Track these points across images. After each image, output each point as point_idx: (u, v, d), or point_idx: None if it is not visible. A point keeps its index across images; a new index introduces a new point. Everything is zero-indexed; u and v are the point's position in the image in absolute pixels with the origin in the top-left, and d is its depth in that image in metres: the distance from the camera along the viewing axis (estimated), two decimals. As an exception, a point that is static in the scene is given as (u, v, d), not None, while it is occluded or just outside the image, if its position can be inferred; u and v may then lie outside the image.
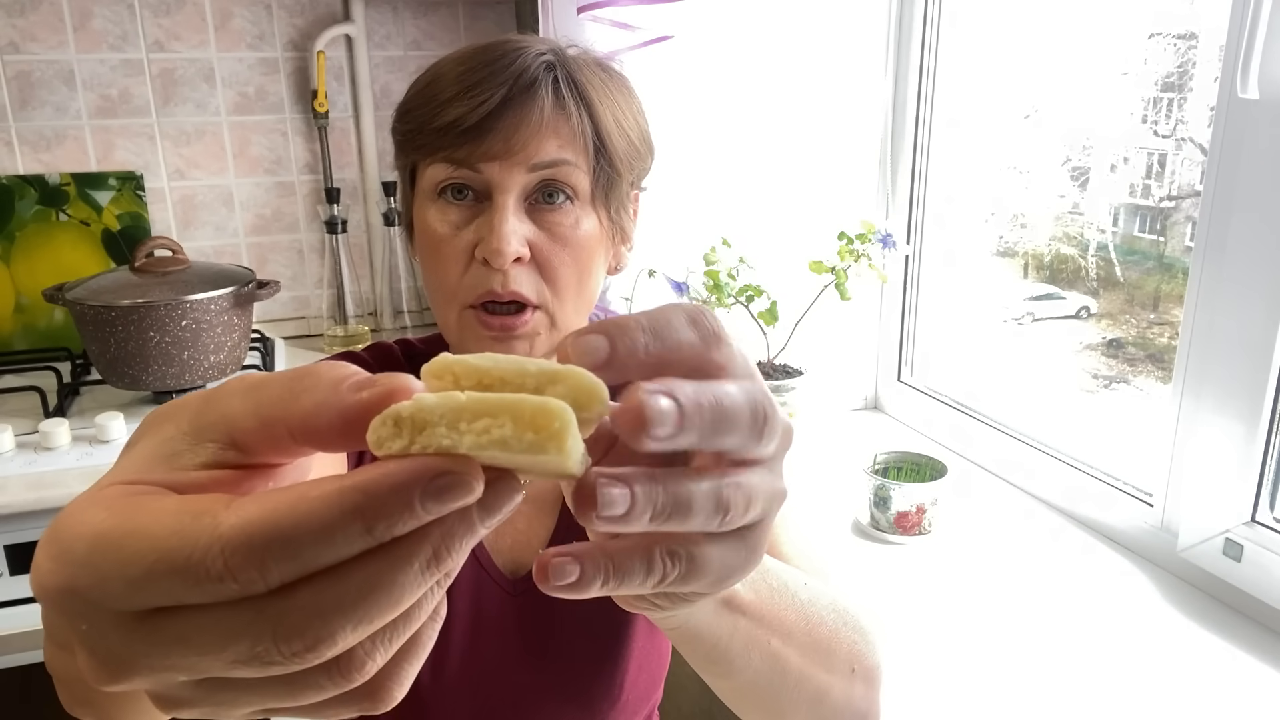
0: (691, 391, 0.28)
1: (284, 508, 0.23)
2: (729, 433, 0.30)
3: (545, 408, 0.24)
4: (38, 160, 1.74)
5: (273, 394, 0.27)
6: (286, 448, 0.27)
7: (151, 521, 0.24)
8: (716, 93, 1.42)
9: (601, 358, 0.29)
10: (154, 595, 0.24)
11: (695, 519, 0.30)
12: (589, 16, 1.32)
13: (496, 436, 0.24)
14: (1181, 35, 1.17)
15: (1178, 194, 1.21)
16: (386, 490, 0.23)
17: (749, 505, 0.32)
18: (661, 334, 0.30)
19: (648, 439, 0.27)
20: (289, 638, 0.23)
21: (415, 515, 0.24)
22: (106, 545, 0.24)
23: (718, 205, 1.46)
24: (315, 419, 0.26)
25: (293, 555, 0.23)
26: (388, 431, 0.24)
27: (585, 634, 0.78)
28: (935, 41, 1.46)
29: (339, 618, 0.24)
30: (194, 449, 0.27)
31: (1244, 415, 0.97)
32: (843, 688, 0.56)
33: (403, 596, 0.25)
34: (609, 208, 0.73)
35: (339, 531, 0.23)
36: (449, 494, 0.24)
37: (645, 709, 0.84)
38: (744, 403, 0.30)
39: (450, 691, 0.76)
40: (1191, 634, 0.95)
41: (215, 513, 0.23)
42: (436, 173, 0.69)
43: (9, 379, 1.58)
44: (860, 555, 1.14)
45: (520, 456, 0.24)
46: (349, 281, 1.91)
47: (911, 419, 1.55)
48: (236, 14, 1.80)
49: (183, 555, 0.23)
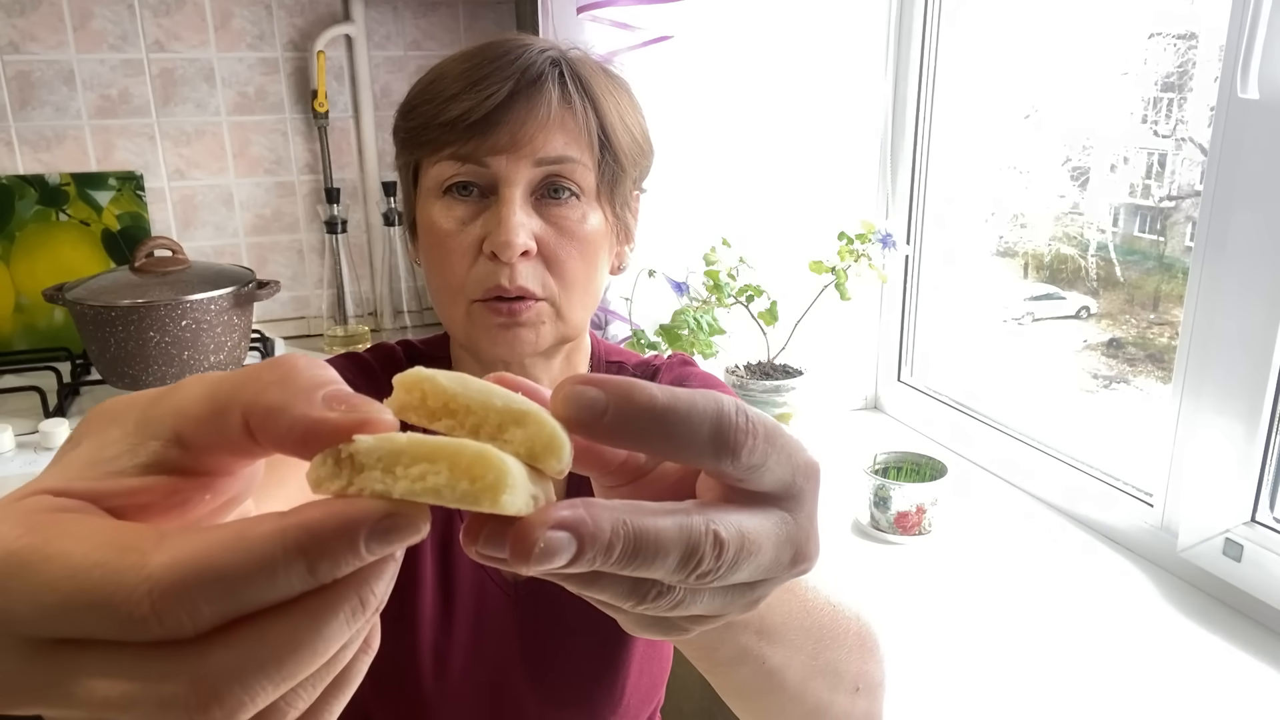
0: (608, 529, 0.25)
1: (220, 547, 0.21)
2: (646, 570, 0.26)
3: (483, 457, 0.23)
4: (38, 160, 1.74)
5: (236, 380, 0.25)
6: (235, 443, 0.25)
7: (73, 548, 0.22)
8: (716, 93, 1.42)
9: (587, 417, 0.26)
10: (64, 627, 0.22)
11: (659, 571, 0.27)
12: (589, 16, 1.32)
13: (430, 485, 0.23)
14: (1181, 35, 1.17)
15: (1178, 194, 1.21)
16: (332, 530, 0.22)
17: (735, 564, 0.28)
18: (670, 428, 0.26)
19: (524, 568, 0.25)
20: (205, 706, 0.22)
21: (360, 556, 0.22)
22: (17, 566, 0.22)
23: (718, 205, 1.46)
24: (278, 416, 0.24)
25: (227, 597, 0.21)
26: (327, 471, 0.24)
27: (587, 638, 0.78)
28: (935, 41, 1.46)
29: (261, 679, 0.22)
30: (134, 450, 0.25)
31: (1244, 415, 0.97)
32: (844, 704, 0.54)
33: (329, 647, 0.23)
34: (614, 204, 0.73)
35: (280, 572, 0.22)
36: (395, 535, 0.23)
37: (646, 711, 0.84)
38: (675, 543, 0.26)
39: (452, 694, 0.76)
40: (1191, 634, 0.95)
41: (144, 549, 0.22)
42: (442, 170, 0.69)
43: (9, 379, 1.58)
44: (860, 555, 1.14)
45: (455, 504, 0.23)
46: (349, 281, 1.91)
47: (911, 419, 1.55)
48: (236, 14, 1.80)
49: (105, 592, 0.21)
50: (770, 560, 0.29)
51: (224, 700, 0.22)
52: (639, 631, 0.33)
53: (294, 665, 0.23)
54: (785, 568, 0.30)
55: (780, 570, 0.30)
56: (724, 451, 0.27)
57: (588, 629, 0.78)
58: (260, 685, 0.22)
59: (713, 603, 0.30)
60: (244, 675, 0.22)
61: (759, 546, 0.29)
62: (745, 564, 0.28)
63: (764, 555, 0.29)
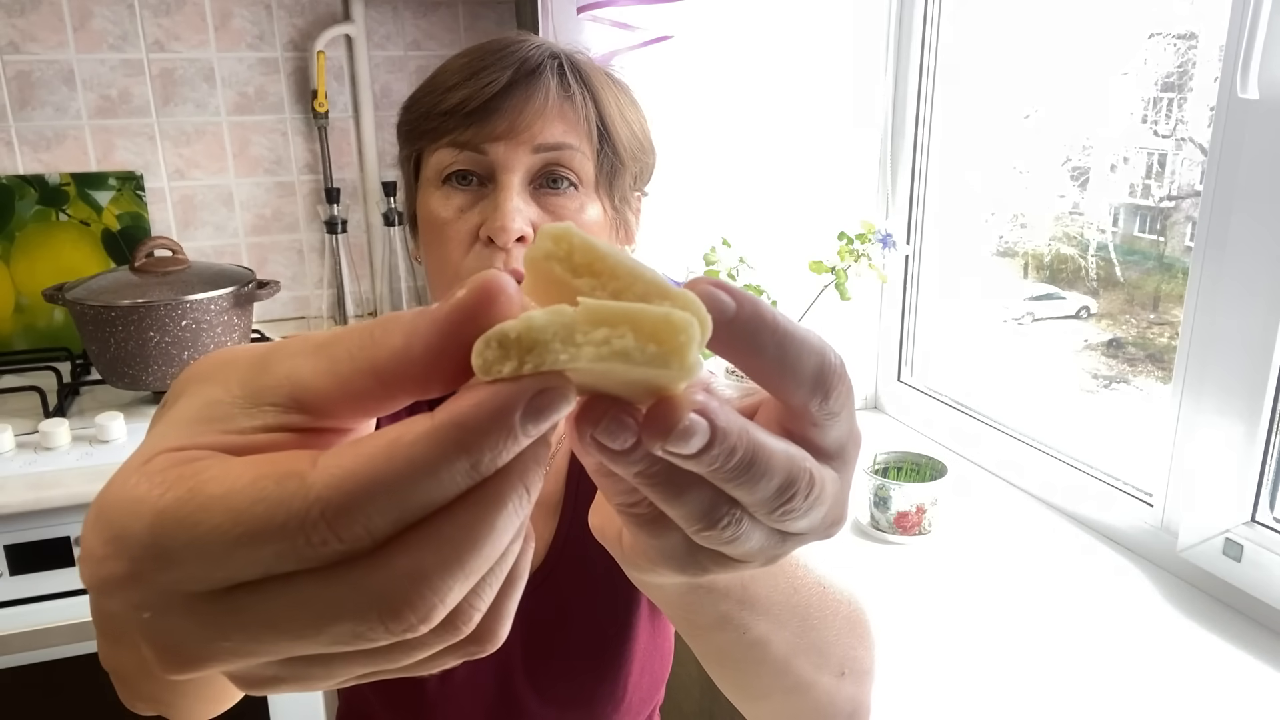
0: (736, 430, 0.25)
1: (380, 456, 0.21)
2: (746, 489, 0.27)
3: (669, 320, 0.22)
4: (38, 160, 1.74)
5: (352, 344, 0.24)
6: (369, 402, 0.24)
7: (226, 491, 0.21)
8: (716, 93, 1.42)
9: (717, 315, 0.25)
10: (238, 571, 0.21)
11: (757, 492, 0.27)
12: (589, 16, 1.32)
13: (618, 348, 0.22)
14: (1181, 35, 1.17)
15: (1178, 194, 1.21)
16: (485, 418, 0.21)
17: (811, 507, 0.29)
18: (784, 351, 0.27)
19: (658, 444, 0.25)
20: (398, 613, 0.21)
21: (517, 440, 0.22)
22: (172, 523, 0.21)
23: (718, 205, 1.46)
24: (409, 351, 0.23)
25: (397, 504, 0.21)
26: (494, 354, 0.22)
27: (589, 636, 0.78)
28: (935, 41, 1.46)
29: (447, 579, 0.22)
30: (248, 412, 0.24)
31: (1244, 415, 0.97)
32: (828, 686, 0.53)
33: (504, 538, 0.23)
34: (613, 197, 0.73)
35: (444, 471, 0.21)
36: (549, 410, 0.22)
37: (647, 710, 0.85)
38: (781, 468, 0.27)
39: (454, 692, 0.76)
40: (1191, 634, 0.95)
41: (302, 473, 0.21)
42: (442, 158, 0.69)
43: (9, 379, 1.58)
44: (860, 555, 1.14)
45: (638, 370, 0.22)
46: (349, 281, 1.91)
47: (911, 419, 1.55)
48: (236, 14, 1.80)
49: (276, 523, 0.21)
50: (823, 514, 0.30)
51: (415, 605, 0.22)
52: (661, 563, 0.32)
53: (475, 560, 0.22)
54: (825, 526, 0.31)
55: (822, 527, 0.30)
56: (819, 388, 0.28)
57: (590, 626, 0.78)
58: (447, 585, 0.22)
59: (757, 544, 0.30)
60: (431, 577, 0.22)
61: (828, 496, 0.29)
62: (816, 509, 0.29)
63: (825, 508, 0.29)
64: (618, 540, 0.36)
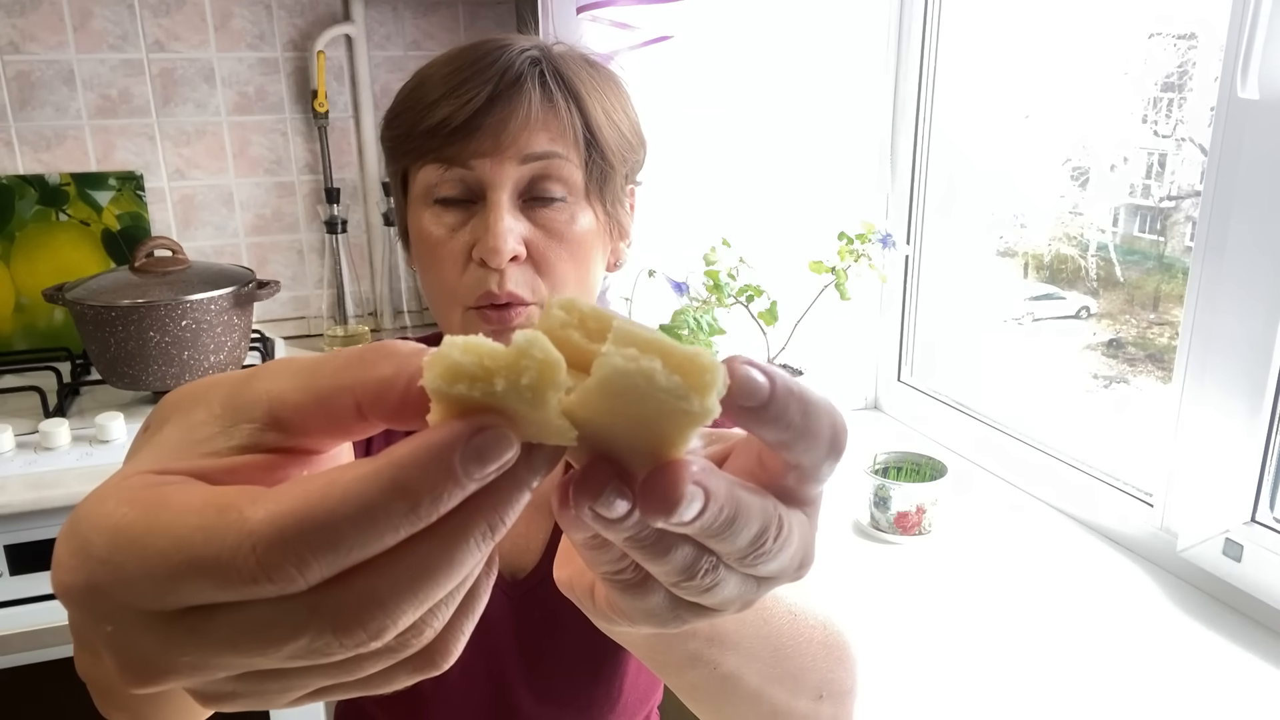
0: (725, 492, 0.26)
1: (316, 495, 0.21)
2: (726, 542, 0.27)
3: (697, 358, 0.22)
4: (38, 160, 1.74)
5: (339, 362, 0.24)
6: (344, 422, 0.25)
7: (175, 517, 0.22)
8: (716, 93, 1.42)
9: (750, 401, 0.25)
10: (182, 595, 0.22)
11: (735, 542, 0.27)
12: (588, 16, 1.32)
13: (645, 367, 0.22)
14: (1181, 35, 1.17)
15: (1178, 194, 1.21)
16: (424, 460, 0.21)
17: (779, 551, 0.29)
18: (808, 420, 0.27)
19: (661, 519, 0.25)
20: (350, 629, 0.22)
21: (459, 484, 0.22)
22: (127, 542, 0.22)
23: (718, 205, 1.46)
24: (394, 381, 0.23)
25: (332, 546, 0.21)
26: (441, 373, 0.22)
27: (584, 637, 0.78)
28: (935, 41, 1.46)
29: (400, 601, 0.22)
30: (228, 431, 0.25)
31: (1244, 415, 0.97)
32: (805, 710, 0.53)
33: (462, 570, 0.23)
34: (604, 201, 0.73)
35: (380, 514, 0.21)
36: (490, 452, 0.22)
37: (644, 710, 0.84)
38: (758, 519, 0.27)
39: (450, 693, 0.76)
40: (1191, 634, 0.95)
41: (241, 506, 0.21)
42: (429, 175, 0.69)
43: (9, 379, 1.58)
44: (860, 555, 1.14)
45: (655, 401, 0.22)
46: (349, 281, 1.91)
47: (911, 419, 1.55)
48: (236, 14, 1.80)
49: (210, 554, 0.21)
50: (790, 556, 0.29)
51: (367, 624, 0.22)
52: (642, 621, 0.32)
53: (432, 587, 0.23)
54: (795, 568, 0.30)
55: (792, 568, 0.30)
56: (834, 450, 0.28)
57: (586, 627, 0.77)
58: (402, 607, 0.22)
59: (734, 591, 0.30)
60: (383, 600, 0.22)
61: (796, 540, 0.29)
62: (784, 551, 0.29)
63: (792, 549, 0.29)
64: (589, 595, 0.36)
